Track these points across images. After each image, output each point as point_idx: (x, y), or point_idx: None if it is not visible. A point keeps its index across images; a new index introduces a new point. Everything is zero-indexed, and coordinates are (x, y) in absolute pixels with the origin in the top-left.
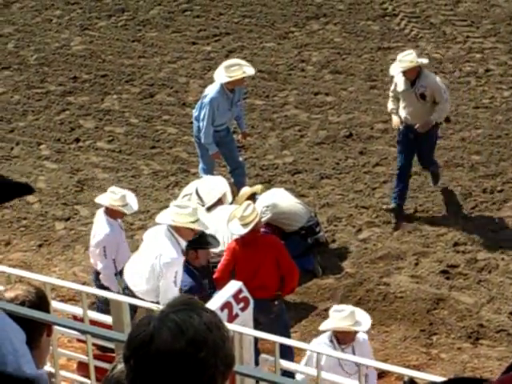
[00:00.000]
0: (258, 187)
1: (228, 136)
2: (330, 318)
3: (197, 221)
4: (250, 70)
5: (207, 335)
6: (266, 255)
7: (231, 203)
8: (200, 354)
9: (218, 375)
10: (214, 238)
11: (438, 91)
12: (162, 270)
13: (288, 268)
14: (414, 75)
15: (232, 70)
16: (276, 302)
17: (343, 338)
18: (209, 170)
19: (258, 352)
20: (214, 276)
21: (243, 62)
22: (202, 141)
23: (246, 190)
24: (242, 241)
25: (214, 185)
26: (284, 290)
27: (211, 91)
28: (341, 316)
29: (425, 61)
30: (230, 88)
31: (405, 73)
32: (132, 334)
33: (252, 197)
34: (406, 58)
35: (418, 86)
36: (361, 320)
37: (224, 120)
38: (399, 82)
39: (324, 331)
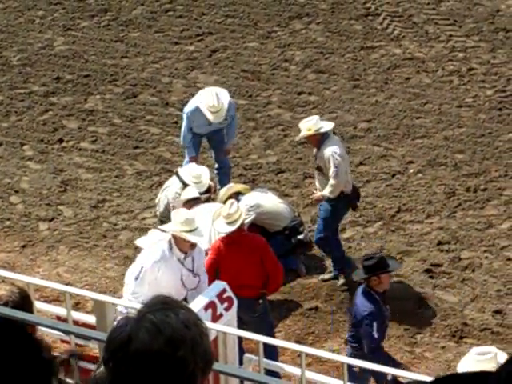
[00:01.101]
0: (243, 186)
1: (219, 134)
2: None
3: (192, 231)
4: (217, 118)
5: (185, 333)
6: (250, 254)
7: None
8: (178, 352)
9: (198, 372)
10: (393, 259)
11: (329, 165)
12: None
13: (272, 267)
14: (315, 143)
15: (212, 111)
16: (260, 301)
17: None
18: None
19: (242, 351)
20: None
21: (225, 105)
22: (181, 143)
23: (229, 187)
24: (226, 239)
25: (199, 171)
26: (268, 289)
27: (191, 105)
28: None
29: (327, 127)
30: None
31: (307, 140)
32: (110, 336)
33: (236, 195)
34: (305, 125)
35: (317, 156)
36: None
37: (202, 131)
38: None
39: None
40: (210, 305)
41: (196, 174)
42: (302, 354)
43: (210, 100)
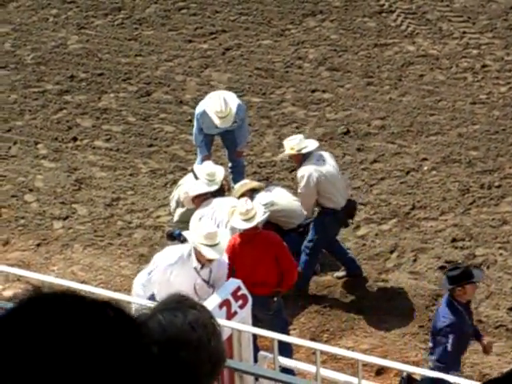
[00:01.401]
0: (258, 184)
1: (231, 134)
2: None
3: (212, 245)
4: (224, 123)
5: (190, 335)
6: (265, 251)
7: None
8: (180, 353)
9: (202, 374)
10: (478, 268)
11: (299, 184)
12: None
13: (287, 264)
14: (297, 162)
15: (220, 116)
16: (275, 299)
17: None
18: None
19: (256, 349)
20: None
21: (233, 110)
22: (193, 142)
23: (244, 183)
24: (241, 237)
25: (214, 169)
26: (283, 286)
27: (200, 107)
28: None
29: (310, 148)
30: None
31: (290, 158)
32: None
33: (251, 192)
34: (288, 144)
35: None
36: None
37: (212, 132)
38: None
39: None
40: (225, 303)
41: (210, 171)
42: (316, 352)
43: (218, 105)
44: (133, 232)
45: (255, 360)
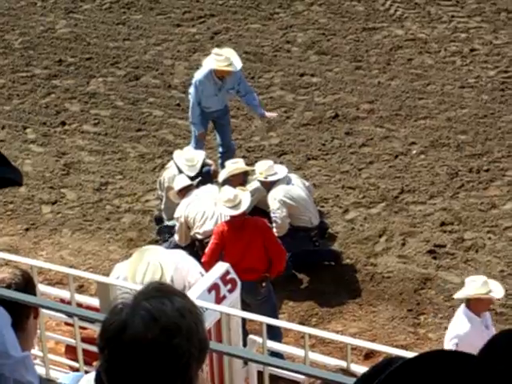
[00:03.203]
0: (251, 168)
1: (223, 118)
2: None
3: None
4: (235, 66)
5: (180, 322)
6: (253, 237)
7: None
8: (173, 340)
9: (193, 360)
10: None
11: (271, 207)
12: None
13: (275, 250)
14: (266, 187)
15: (219, 59)
16: (263, 284)
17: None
18: (200, 146)
19: (246, 333)
20: (202, 259)
21: (233, 54)
22: (189, 119)
23: (237, 165)
24: (229, 223)
25: (193, 153)
26: (271, 272)
27: (198, 74)
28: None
29: (278, 176)
30: (218, 75)
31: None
32: (105, 324)
33: (244, 175)
34: (258, 168)
35: None
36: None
37: (210, 104)
38: None
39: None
40: (214, 287)
41: (189, 156)
42: (305, 335)
43: (217, 51)
44: (121, 216)
45: (244, 344)
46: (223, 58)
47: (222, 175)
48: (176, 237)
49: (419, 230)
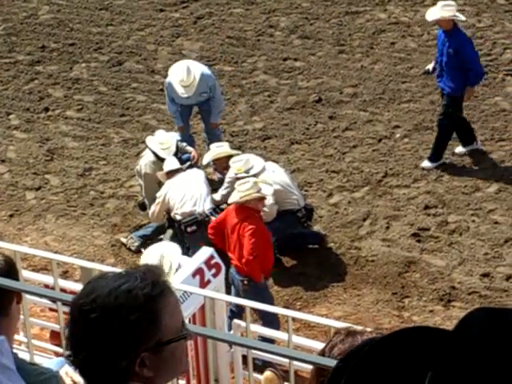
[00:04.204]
0: (236, 151)
1: (205, 104)
2: None
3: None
4: (188, 92)
5: (137, 298)
6: (239, 226)
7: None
8: (131, 316)
9: (142, 332)
10: None
11: None
12: None
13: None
14: None
15: (183, 85)
16: (245, 282)
17: None
18: (184, 137)
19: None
20: (208, 232)
21: (196, 79)
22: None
23: (221, 149)
24: (234, 209)
25: (165, 136)
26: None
27: (168, 77)
28: None
29: (257, 168)
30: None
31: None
32: (73, 299)
33: (227, 159)
34: (235, 166)
35: None
36: None
37: (183, 102)
38: None
39: None
40: (198, 271)
41: (162, 139)
42: (288, 319)
43: (181, 74)
44: (105, 202)
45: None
46: (185, 85)
47: (206, 158)
48: (150, 211)
49: (403, 213)
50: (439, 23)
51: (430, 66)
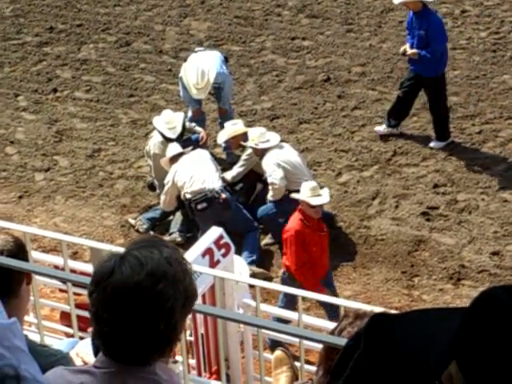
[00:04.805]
0: (249, 129)
1: (220, 86)
2: None
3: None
4: (200, 95)
5: (167, 269)
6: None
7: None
8: (158, 286)
9: (177, 307)
10: None
11: (268, 172)
12: None
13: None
14: (259, 154)
15: (197, 87)
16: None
17: None
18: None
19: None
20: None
21: (210, 81)
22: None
23: (236, 127)
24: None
25: (171, 116)
26: None
27: (181, 71)
28: None
29: (270, 143)
30: None
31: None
32: (96, 269)
33: (243, 136)
34: (251, 135)
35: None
36: None
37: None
38: None
39: None
40: (208, 251)
41: (168, 119)
42: (298, 298)
43: (194, 78)
44: (114, 183)
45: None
46: (199, 88)
47: (222, 137)
48: (161, 199)
49: (412, 192)
50: (407, 5)
51: (407, 47)
